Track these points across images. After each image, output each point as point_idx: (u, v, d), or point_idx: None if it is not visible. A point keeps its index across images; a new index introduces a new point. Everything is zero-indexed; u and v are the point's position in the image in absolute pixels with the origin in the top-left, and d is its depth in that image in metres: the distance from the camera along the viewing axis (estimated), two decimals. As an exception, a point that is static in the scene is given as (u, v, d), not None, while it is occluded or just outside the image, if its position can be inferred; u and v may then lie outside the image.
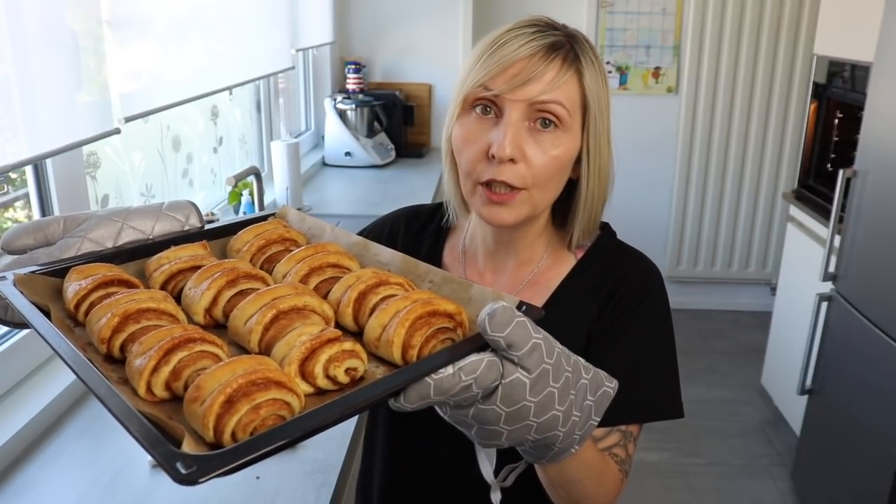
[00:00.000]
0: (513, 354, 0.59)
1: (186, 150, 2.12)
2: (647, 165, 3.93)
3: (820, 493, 2.46)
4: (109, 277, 0.70)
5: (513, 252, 0.95)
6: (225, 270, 0.69)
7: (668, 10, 3.72)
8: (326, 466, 1.14)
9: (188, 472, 0.45)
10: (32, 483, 1.09)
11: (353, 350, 0.60)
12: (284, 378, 0.54)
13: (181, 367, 0.57)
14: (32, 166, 1.34)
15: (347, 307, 0.68)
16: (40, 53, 1.13)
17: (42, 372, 1.32)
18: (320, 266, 0.74)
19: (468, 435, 0.65)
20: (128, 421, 0.50)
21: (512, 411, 0.60)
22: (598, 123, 0.86)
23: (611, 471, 0.83)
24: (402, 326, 0.61)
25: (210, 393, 0.51)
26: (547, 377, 0.61)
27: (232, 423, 0.51)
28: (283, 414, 0.53)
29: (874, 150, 2.16)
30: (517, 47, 0.82)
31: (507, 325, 0.58)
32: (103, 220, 0.79)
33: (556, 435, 0.65)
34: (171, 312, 0.65)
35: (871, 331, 2.11)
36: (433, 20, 3.51)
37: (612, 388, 0.70)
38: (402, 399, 0.56)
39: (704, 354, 3.64)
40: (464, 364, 0.57)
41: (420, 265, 0.76)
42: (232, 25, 2.03)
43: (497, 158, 0.82)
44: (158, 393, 0.57)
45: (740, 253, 4.05)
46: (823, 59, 2.77)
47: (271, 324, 0.63)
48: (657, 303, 0.93)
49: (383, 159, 3.24)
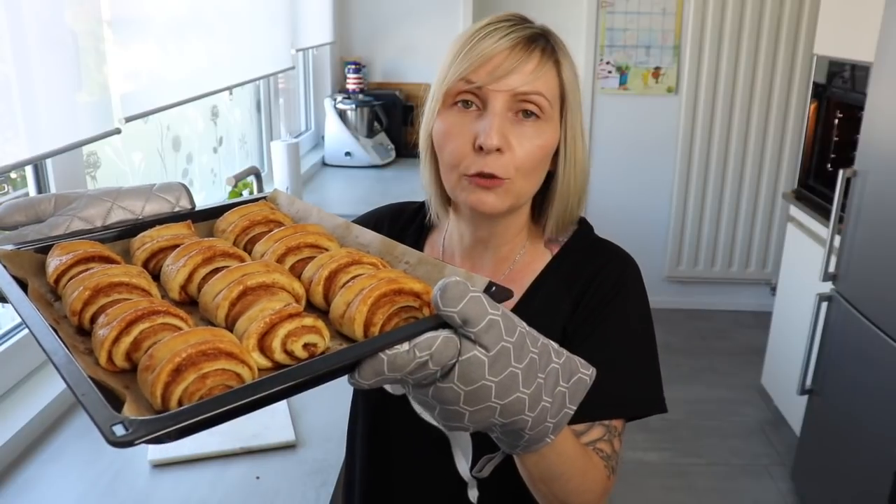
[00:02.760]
0: (469, 331, 0.57)
1: (186, 150, 2.12)
2: (647, 165, 3.92)
3: (820, 493, 2.46)
4: (90, 254, 0.71)
5: (491, 248, 0.95)
6: (202, 248, 0.70)
7: (668, 10, 3.72)
8: (326, 466, 1.14)
9: (123, 434, 0.45)
10: (32, 483, 1.09)
11: (313, 326, 0.59)
12: (236, 350, 0.54)
13: (142, 338, 0.58)
14: (32, 166, 1.34)
15: (318, 285, 0.68)
16: (40, 53, 1.13)
17: (42, 372, 1.32)
18: (297, 246, 0.74)
19: (433, 416, 0.63)
20: (76, 386, 0.50)
21: (471, 390, 0.59)
22: (574, 115, 0.88)
23: (595, 467, 0.81)
24: (364, 304, 0.61)
25: (160, 361, 0.52)
26: (508, 356, 0.59)
27: (178, 391, 0.51)
28: (231, 384, 0.53)
29: (874, 150, 2.16)
30: (497, 40, 0.83)
31: (461, 300, 0.56)
32: (94, 199, 0.80)
33: (523, 419, 0.63)
34: (144, 287, 0.66)
35: (871, 331, 2.11)
36: (433, 20, 3.51)
37: (589, 375, 0.68)
38: (358, 375, 0.55)
39: (704, 354, 3.64)
40: (419, 340, 0.56)
41: (398, 246, 0.76)
42: (232, 25, 2.03)
43: (485, 148, 0.83)
44: (118, 362, 0.57)
45: (740, 253, 4.05)
46: (823, 59, 2.77)
47: (238, 299, 0.63)
48: (633, 295, 0.92)
49: (383, 159, 3.24)
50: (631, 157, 3.88)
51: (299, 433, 1.23)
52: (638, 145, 3.87)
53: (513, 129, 0.84)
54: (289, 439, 1.20)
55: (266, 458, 1.16)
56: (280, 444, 1.19)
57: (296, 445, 1.20)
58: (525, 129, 0.84)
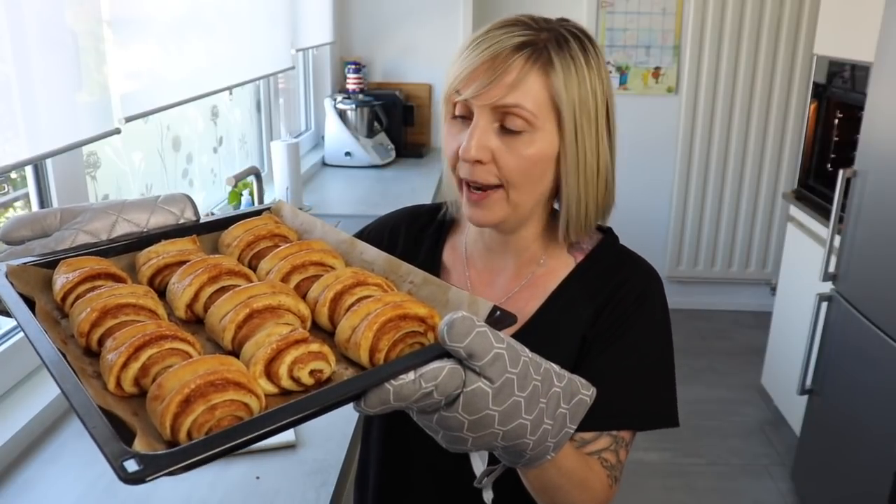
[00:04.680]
0: (474, 364, 0.58)
1: (186, 150, 2.12)
2: (647, 165, 3.92)
3: (820, 493, 2.46)
4: (97, 271, 0.71)
5: (511, 252, 0.95)
6: (208, 266, 0.70)
7: (668, 10, 3.72)
8: (326, 466, 1.14)
9: (135, 471, 0.46)
10: (32, 483, 1.09)
11: (319, 352, 0.60)
12: (244, 379, 0.55)
13: (150, 363, 0.58)
14: (32, 166, 1.34)
15: (323, 307, 0.68)
16: (40, 53, 1.13)
17: (42, 372, 1.31)
18: (303, 264, 0.74)
19: (436, 439, 0.64)
20: (85, 416, 0.51)
21: (475, 419, 0.60)
22: (576, 122, 0.84)
23: (596, 477, 0.81)
24: (370, 330, 0.61)
25: (170, 392, 0.52)
26: (511, 386, 0.60)
27: (187, 422, 0.51)
28: (240, 415, 0.53)
29: (874, 150, 2.16)
30: (482, 50, 0.83)
31: (467, 336, 0.57)
32: (99, 212, 0.80)
33: (525, 443, 0.64)
34: (151, 308, 0.66)
35: (871, 331, 2.11)
36: (433, 20, 3.51)
37: (589, 395, 0.69)
38: (364, 404, 0.56)
39: (704, 354, 3.64)
40: (425, 371, 0.57)
41: (402, 265, 0.76)
42: (232, 25, 2.03)
43: (463, 160, 0.84)
44: (127, 388, 0.58)
45: (740, 253, 4.05)
46: (823, 59, 2.77)
47: (244, 322, 0.63)
48: (655, 309, 0.92)
49: (383, 159, 3.24)
50: (631, 157, 3.87)
51: (299, 433, 1.23)
52: (638, 145, 3.87)
53: (499, 140, 0.83)
54: (289, 439, 1.20)
55: (266, 458, 1.16)
56: (280, 444, 1.19)
57: (296, 445, 1.20)
58: (513, 140, 0.83)
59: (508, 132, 0.83)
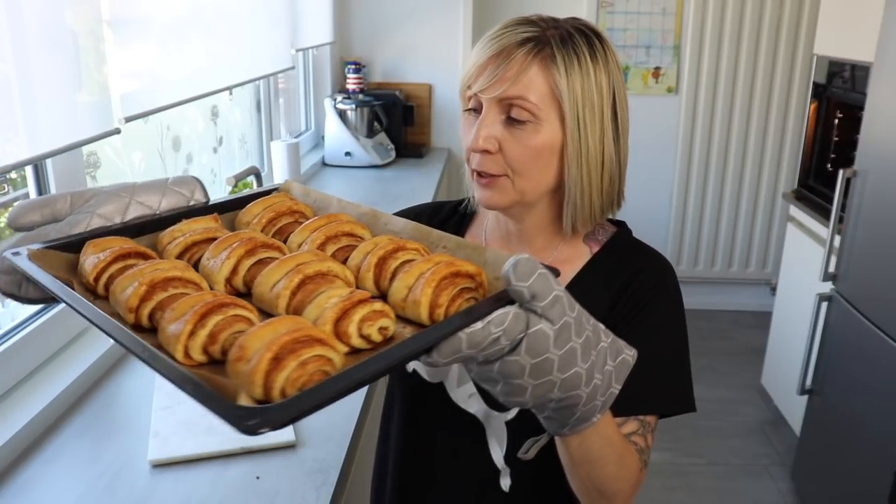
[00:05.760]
0: (536, 305, 0.60)
1: (186, 150, 2.12)
2: (647, 165, 3.92)
3: (820, 493, 2.46)
4: (126, 250, 0.70)
5: (525, 240, 0.99)
6: (243, 241, 0.70)
7: (668, 10, 3.72)
8: (326, 466, 1.14)
9: (252, 423, 0.46)
10: (32, 483, 1.09)
11: (382, 310, 0.61)
12: (325, 336, 0.56)
13: (217, 330, 0.58)
14: (32, 166, 1.34)
15: (368, 272, 0.69)
16: (40, 53, 1.13)
17: (42, 372, 1.32)
18: (335, 234, 0.75)
19: (493, 392, 0.65)
20: (179, 380, 0.51)
21: (536, 363, 0.61)
22: (579, 115, 0.87)
23: (632, 455, 0.84)
24: (430, 286, 0.63)
25: (256, 351, 0.52)
26: (569, 330, 0.63)
27: (281, 378, 0.52)
28: (327, 370, 0.54)
29: (874, 150, 2.16)
30: (490, 46, 0.88)
31: (531, 276, 0.59)
32: (111, 195, 0.80)
33: (578, 395, 0.66)
34: (196, 281, 0.66)
35: (871, 331, 2.11)
36: (433, 20, 3.51)
37: (632, 356, 0.71)
38: (436, 354, 0.57)
39: (704, 354, 3.64)
40: (492, 317, 0.58)
41: (433, 232, 0.78)
42: (232, 25, 2.03)
43: (472, 150, 0.88)
44: (196, 356, 0.57)
45: (740, 253, 4.05)
46: (823, 59, 2.77)
47: (298, 288, 0.64)
48: (671, 298, 0.95)
49: (383, 159, 3.24)
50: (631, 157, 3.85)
51: (299, 433, 1.23)
52: (638, 145, 3.85)
53: (506, 131, 0.88)
54: (289, 439, 1.20)
55: (266, 458, 1.16)
56: (280, 444, 1.19)
57: (296, 445, 1.20)
58: (519, 131, 0.87)
59: (515, 123, 0.87)
